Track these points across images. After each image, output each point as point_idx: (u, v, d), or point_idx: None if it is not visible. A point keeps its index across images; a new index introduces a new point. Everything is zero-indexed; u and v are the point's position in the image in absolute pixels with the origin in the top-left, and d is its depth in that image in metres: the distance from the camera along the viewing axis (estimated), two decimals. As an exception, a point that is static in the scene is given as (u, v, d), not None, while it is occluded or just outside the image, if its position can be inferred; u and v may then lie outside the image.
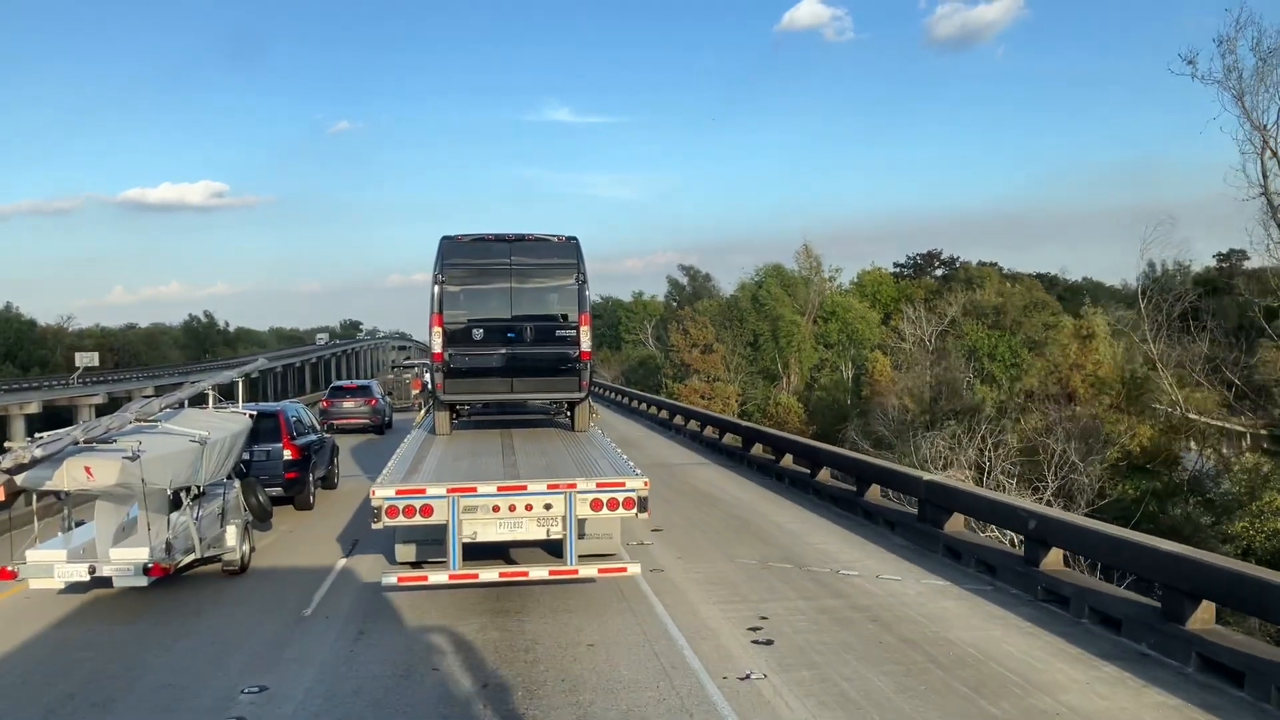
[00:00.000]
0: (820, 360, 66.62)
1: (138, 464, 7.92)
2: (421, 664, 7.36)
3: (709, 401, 55.21)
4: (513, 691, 6.75)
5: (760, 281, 69.69)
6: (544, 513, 8.59)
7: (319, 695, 6.72)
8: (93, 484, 7.94)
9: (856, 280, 78.00)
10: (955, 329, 62.83)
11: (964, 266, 76.96)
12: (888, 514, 13.04)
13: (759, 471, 18.65)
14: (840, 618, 8.52)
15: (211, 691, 6.78)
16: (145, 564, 8.42)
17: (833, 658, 7.41)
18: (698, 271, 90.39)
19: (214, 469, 9.73)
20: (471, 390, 12.30)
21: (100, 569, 8.44)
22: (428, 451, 11.01)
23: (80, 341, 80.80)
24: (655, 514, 10.41)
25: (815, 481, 15.79)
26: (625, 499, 8.61)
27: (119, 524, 8.95)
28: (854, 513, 13.91)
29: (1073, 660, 7.34)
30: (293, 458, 14.07)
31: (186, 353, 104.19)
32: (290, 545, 12.09)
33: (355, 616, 8.72)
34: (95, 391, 52.13)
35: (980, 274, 73.82)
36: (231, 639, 8.05)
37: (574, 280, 11.88)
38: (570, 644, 7.77)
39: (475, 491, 8.48)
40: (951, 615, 8.62)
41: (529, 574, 8.82)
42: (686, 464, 20.51)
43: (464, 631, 8.15)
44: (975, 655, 7.41)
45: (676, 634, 7.99)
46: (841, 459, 16.08)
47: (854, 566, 10.62)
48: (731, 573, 10.34)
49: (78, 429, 8.28)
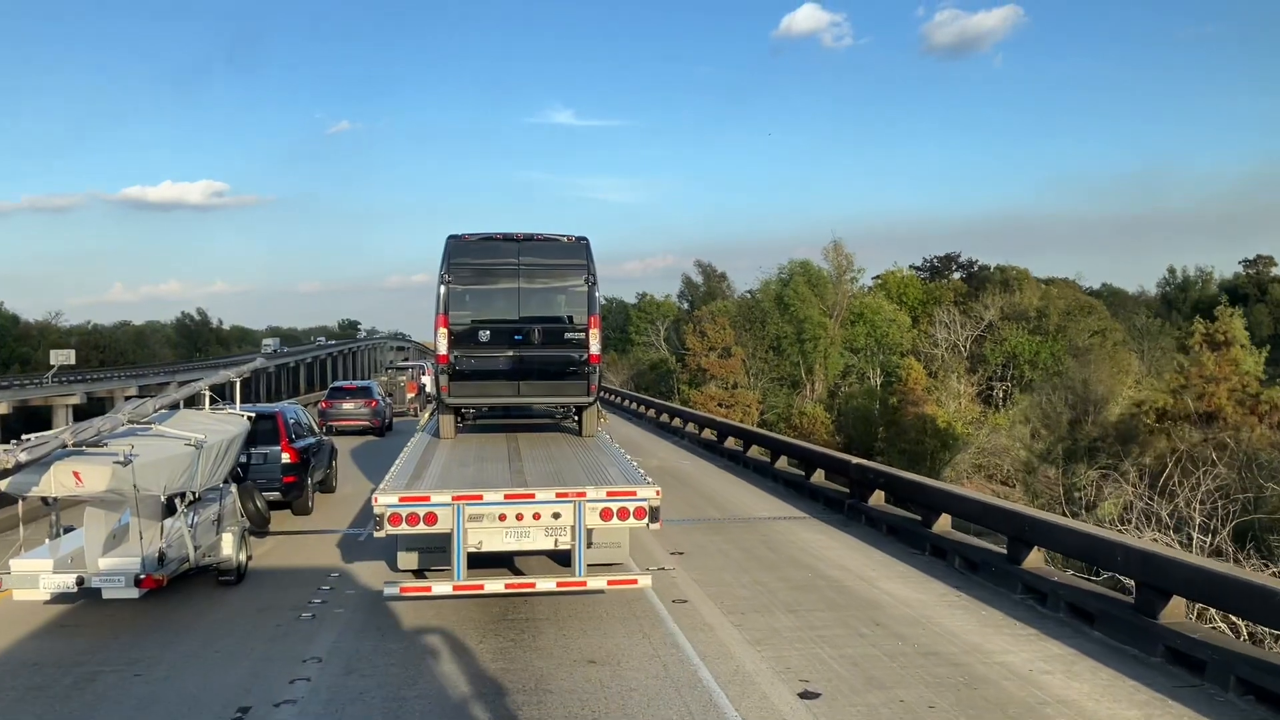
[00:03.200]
0: (846, 366, 65.12)
1: (130, 469, 7.85)
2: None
3: (728, 410, 54.60)
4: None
5: (787, 279, 67.15)
6: (552, 522, 8.61)
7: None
8: (82, 490, 7.86)
9: (880, 281, 76.26)
10: (992, 333, 62.12)
11: (1000, 268, 76.09)
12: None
13: (869, 526, 13.87)
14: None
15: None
16: (137, 575, 8.36)
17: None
18: (713, 269, 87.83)
19: (210, 474, 9.67)
20: (477, 393, 12.37)
21: (89, 580, 8.38)
22: (432, 456, 11.01)
23: (66, 339, 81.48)
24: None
25: (932, 535, 12.00)
26: (636, 508, 8.63)
27: (109, 531, 8.91)
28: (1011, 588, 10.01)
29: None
30: (291, 461, 14.08)
31: (179, 351, 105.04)
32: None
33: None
34: (72, 391, 51.40)
35: (1017, 275, 73.03)
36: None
37: (583, 281, 11.93)
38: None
39: (481, 499, 8.50)
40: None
41: (536, 585, 8.85)
42: (774, 517, 14.89)
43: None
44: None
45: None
46: (981, 508, 11.75)
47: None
48: None
49: (66, 431, 8.20)
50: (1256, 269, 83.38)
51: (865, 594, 10.08)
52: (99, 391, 54.13)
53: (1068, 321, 60.51)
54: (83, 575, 8.37)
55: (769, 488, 18.17)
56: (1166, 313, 78.18)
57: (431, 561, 9.39)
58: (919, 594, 10.07)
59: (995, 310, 63.68)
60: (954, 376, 57.87)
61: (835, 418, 58.57)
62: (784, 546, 12.62)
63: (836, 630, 8.66)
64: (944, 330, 63.97)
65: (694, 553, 11.97)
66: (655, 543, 11.91)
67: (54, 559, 8.61)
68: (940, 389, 56.78)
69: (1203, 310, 78.99)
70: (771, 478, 18.95)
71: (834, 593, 10.13)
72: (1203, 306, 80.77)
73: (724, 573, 10.96)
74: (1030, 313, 62.90)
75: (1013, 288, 68.24)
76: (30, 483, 7.67)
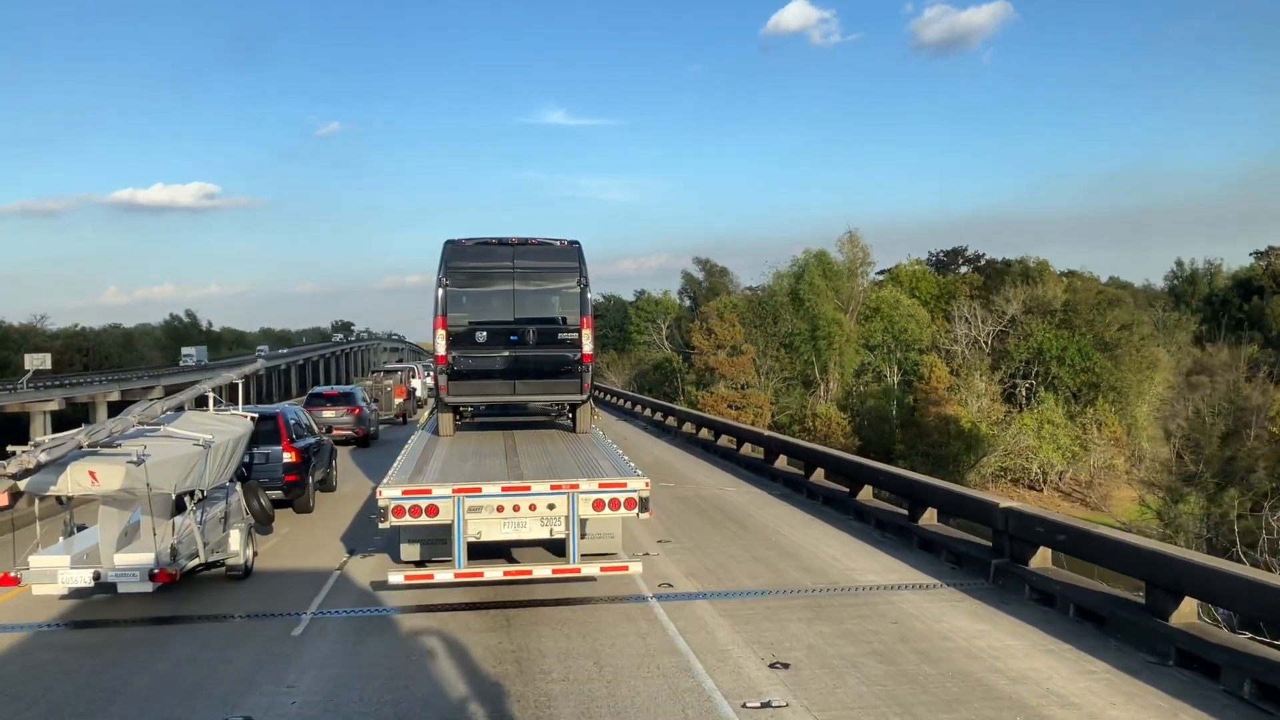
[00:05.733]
0: (861, 364, 64.23)
1: (142, 468, 8.57)
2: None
3: (738, 412, 54.54)
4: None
5: (801, 272, 65.10)
6: (547, 512, 9.42)
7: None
8: (97, 489, 8.58)
9: (891, 274, 75.59)
10: (1015, 328, 62.01)
11: (1020, 260, 76.04)
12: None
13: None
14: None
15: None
16: (151, 569, 9.07)
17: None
18: (714, 265, 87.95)
19: (217, 472, 10.38)
20: (475, 392, 13.41)
21: (105, 575, 9.09)
22: (432, 453, 11.93)
23: (50, 343, 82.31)
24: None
25: (1172, 631, 8.11)
26: (627, 499, 9.45)
27: (123, 529, 9.62)
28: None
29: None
30: (293, 461, 14.89)
31: (167, 354, 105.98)
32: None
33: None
34: (50, 397, 50.33)
35: (1037, 267, 72.87)
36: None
37: (576, 284, 12.96)
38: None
39: (480, 492, 9.33)
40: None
41: (532, 572, 9.66)
42: (886, 587, 10.58)
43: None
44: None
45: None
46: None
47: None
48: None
49: (81, 433, 8.93)
50: (1269, 261, 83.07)
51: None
52: (79, 397, 53.13)
53: (1094, 315, 60.15)
54: (99, 571, 9.08)
55: (858, 531, 13.80)
56: (1175, 306, 78.44)
57: (433, 553, 10.13)
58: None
59: (1018, 304, 63.33)
60: (977, 374, 57.85)
61: (851, 419, 58.36)
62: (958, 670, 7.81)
63: None
64: (964, 325, 63.71)
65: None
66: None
67: (70, 555, 9.33)
68: (963, 388, 56.71)
69: (1215, 303, 78.99)
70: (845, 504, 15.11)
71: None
72: (1215, 300, 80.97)
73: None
74: (1055, 306, 62.53)
75: (1034, 280, 67.87)
76: (48, 482, 8.41)
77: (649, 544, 12.54)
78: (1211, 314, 77.67)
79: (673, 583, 10.60)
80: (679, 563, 11.68)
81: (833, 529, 14.06)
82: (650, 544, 12.58)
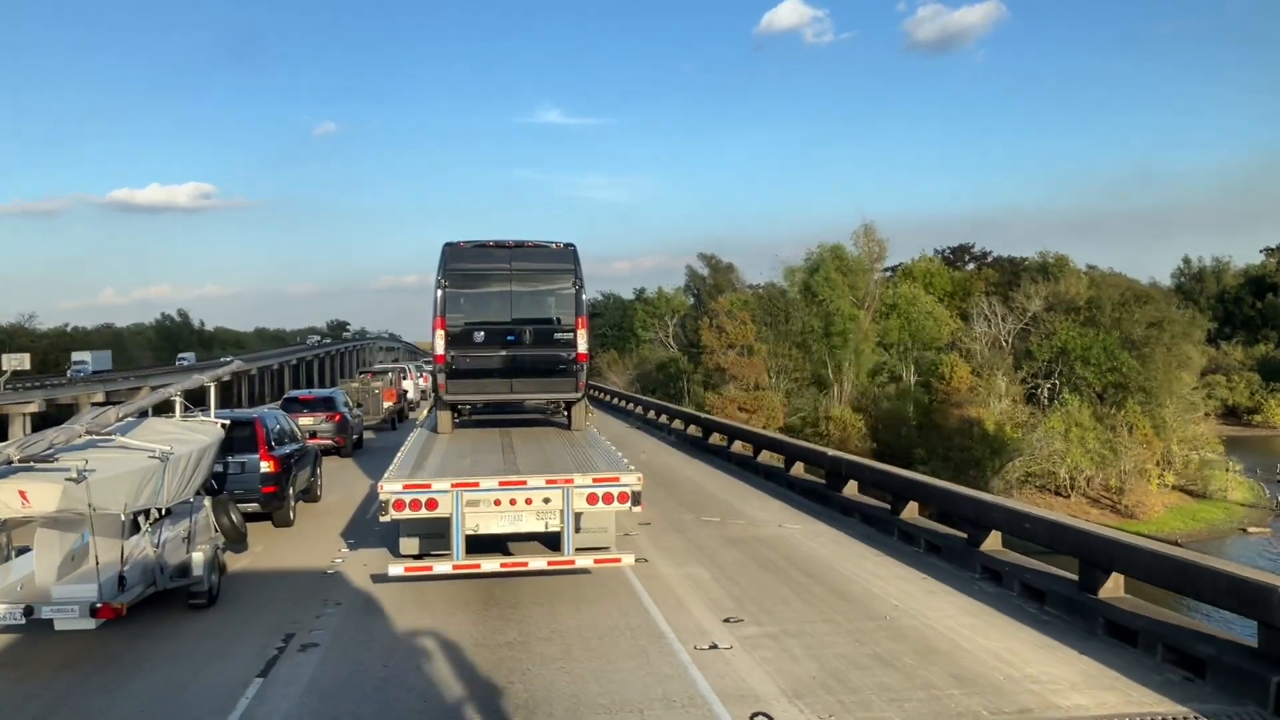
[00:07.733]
0: (877, 364, 63.21)
1: (84, 486, 7.52)
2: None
3: (750, 415, 53.43)
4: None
5: (815, 267, 63.25)
6: (543, 506, 9.87)
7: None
8: (29, 510, 7.52)
9: (903, 269, 74.60)
10: (1036, 326, 60.90)
11: (1042, 255, 74.94)
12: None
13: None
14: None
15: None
16: (93, 604, 8.01)
17: None
18: (718, 261, 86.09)
19: (179, 487, 9.37)
20: (473, 391, 14.05)
21: (38, 610, 8.03)
22: (431, 449, 12.49)
23: (38, 342, 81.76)
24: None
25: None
26: (620, 493, 9.89)
27: (66, 553, 8.60)
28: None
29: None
30: (271, 470, 13.84)
31: (158, 354, 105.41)
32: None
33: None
34: (30, 399, 50.25)
35: (1057, 263, 71.82)
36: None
37: (571, 285, 13.62)
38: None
39: (478, 486, 9.78)
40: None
41: (528, 564, 10.09)
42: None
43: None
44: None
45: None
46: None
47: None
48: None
49: (12, 445, 7.85)
50: (1278, 257, 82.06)
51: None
52: (62, 398, 53.29)
53: (1121, 313, 58.90)
54: (31, 606, 8.01)
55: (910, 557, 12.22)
56: (1185, 304, 77.13)
57: (431, 547, 10.33)
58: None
59: (1040, 300, 62.30)
60: (999, 374, 56.71)
61: (866, 421, 57.24)
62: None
63: None
64: (984, 323, 62.65)
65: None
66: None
67: (2, 585, 8.26)
68: (985, 388, 55.60)
69: (1228, 301, 77.80)
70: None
71: None
72: (1228, 297, 79.81)
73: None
74: (1079, 303, 61.36)
75: (1053, 276, 66.76)
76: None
77: (706, 618, 9.34)
78: (1224, 312, 76.61)
79: (769, 709, 6.65)
80: (767, 662, 8.03)
81: (963, 598, 10.13)
82: (706, 615, 9.45)
